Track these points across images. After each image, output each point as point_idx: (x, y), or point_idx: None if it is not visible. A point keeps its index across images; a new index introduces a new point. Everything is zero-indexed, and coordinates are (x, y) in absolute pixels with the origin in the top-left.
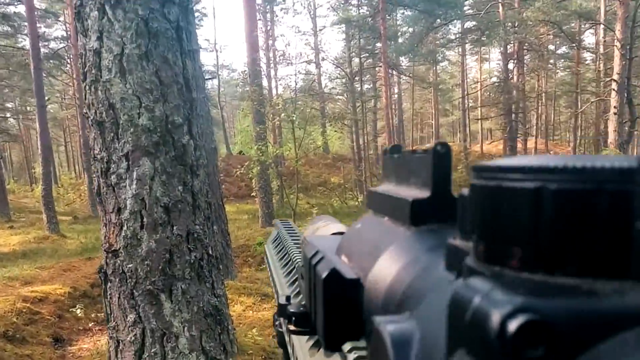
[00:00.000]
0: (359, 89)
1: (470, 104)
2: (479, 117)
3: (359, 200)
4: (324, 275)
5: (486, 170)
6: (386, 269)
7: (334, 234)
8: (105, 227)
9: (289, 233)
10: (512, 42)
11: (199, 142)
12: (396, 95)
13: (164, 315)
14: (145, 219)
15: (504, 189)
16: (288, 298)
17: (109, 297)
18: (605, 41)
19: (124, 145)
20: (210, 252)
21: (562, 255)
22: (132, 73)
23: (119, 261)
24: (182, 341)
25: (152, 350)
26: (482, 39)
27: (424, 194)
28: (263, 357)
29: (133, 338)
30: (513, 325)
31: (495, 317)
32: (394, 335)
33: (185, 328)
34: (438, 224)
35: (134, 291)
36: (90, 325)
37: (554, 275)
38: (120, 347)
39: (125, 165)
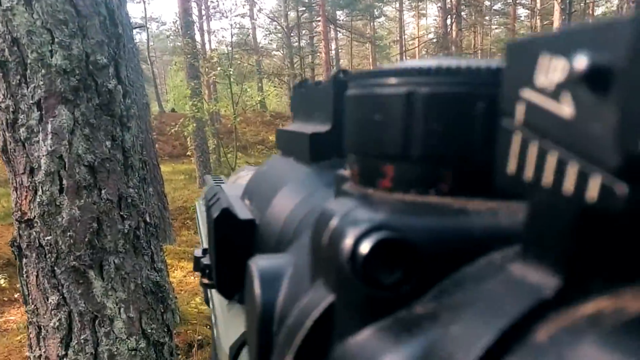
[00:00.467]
0: (297, 44)
1: None
2: None
3: None
4: (214, 215)
5: (359, 78)
6: (280, 208)
7: None
8: (16, 192)
9: None
10: None
11: (129, 88)
12: (334, 51)
13: (94, 296)
14: (65, 182)
15: (374, 97)
16: (205, 251)
17: (25, 275)
18: None
19: (34, 90)
20: (147, 219)
21: (435, 170)
22: (40, 0)
23: (34, 232)
24: (118, 325)
25: (82, 337)
26: None
27: (324, 127)
28: (208, 326)
29: (57, 323)
30: (365, 246)
31: (349, 237)
32: (262, 271)
33: (122, 309)
34: (340, 158)
35: (56, 268)
36: (16, 295)
37: (427, 195)
38: (42, 334)
39: (37, 115)
